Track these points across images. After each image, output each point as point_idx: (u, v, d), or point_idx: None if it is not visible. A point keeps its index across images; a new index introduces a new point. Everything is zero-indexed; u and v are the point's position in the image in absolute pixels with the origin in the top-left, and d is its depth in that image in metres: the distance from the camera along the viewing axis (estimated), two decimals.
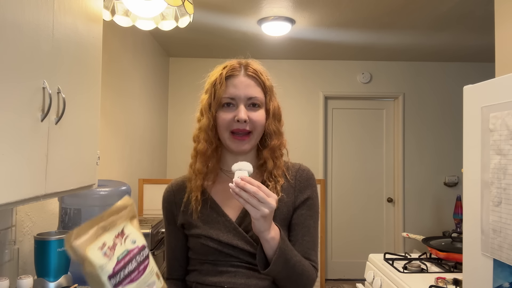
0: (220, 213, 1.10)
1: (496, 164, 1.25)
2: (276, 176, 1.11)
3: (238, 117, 1.05)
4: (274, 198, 0.94)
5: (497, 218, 1.24)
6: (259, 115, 1.09)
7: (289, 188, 1.12)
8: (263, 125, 1.10)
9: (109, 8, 1.73)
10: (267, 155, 1.12)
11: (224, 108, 1.09)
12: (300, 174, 1.15)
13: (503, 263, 1.21)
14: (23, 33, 0.92)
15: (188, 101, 4.40)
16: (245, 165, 0.98)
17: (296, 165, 1.18)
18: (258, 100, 1.09)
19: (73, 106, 1.18)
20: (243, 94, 1.07)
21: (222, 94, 1.08)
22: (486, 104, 1.32)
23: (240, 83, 1.09)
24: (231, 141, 1.08)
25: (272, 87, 1.15)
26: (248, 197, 0.91)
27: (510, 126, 1.20)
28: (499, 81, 1.29)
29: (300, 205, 1.11)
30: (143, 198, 2.97)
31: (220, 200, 1.12)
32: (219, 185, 1.14)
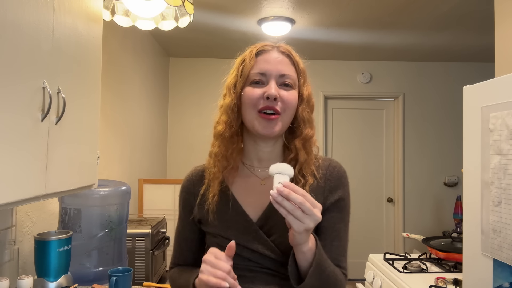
0: (240, 212, 0.98)
1: (496, 164, 1.25)
2: (305, 175, 0.97)
3: (268, 93, 0.93)
4: (319, 208, 0.82)
5: (497, 218, 1.24)
6: (292, 95, 0.97)
7: (318, 188, 0.98)
8: (294, 107, 0.98)
9: (109, 8, 1.73)
10: (299, 146, 0.98)
11: (253, 85, 0.97)
12: (331, 172, 1.01)
13: (503, 263, 1.21)
14: (23, 33, 0.92)
15: (188, 101, 4.40)
16: (285, 168, 0.85)
17: (326, 160, 1.04)
18: (291, 79, 0.98)
19: (73, 106, 1.18)
20: (275, 69, 0.96)
21: (251, 68, 0.97)
22: (486, 104, 1.32)
23: (273, 59, 0.98)
24: (258, 121, 0.95)
25: (305, 71, 1.03)
26: (293, 208, 0.79)
27: (510, 126, 1.20)
28: (499, 81, 1.29)
29: (330, 207, 0.98)
30: (143, 198, 2.97)
31: (241, 197, 1.00)
32: (240, 180, 1.02)
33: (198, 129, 4.37)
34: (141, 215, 2.92)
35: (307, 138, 1.00)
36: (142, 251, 1.97)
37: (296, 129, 1.01)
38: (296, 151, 0.99)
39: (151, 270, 1.98)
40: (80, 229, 1.53)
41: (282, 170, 0.85)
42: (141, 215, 2.92)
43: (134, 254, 1.96)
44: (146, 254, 1.98)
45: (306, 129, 1.00)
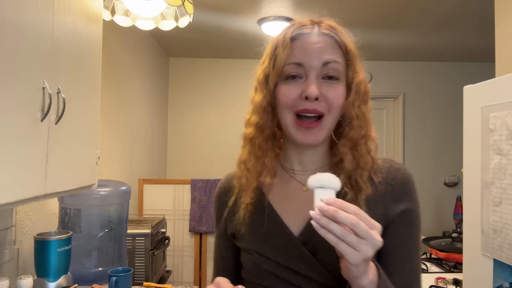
0: (278, 224, 0.80)
1: (496, 164, 1.25)
2: (358, 182, 0.78)
3: (307, 92, 0.74)
4: (379, 229, 0.62)
5: (497, 218, 1.24)
6: (337, 91, 0.77)
7: (377, 197, 0.78)
8: (341, 105, 0.78)
9: (109, 8, 1.73)
10: (345, 150, 0.79)
11: (288, 81, 0.78)
12: (393, 176, 0.80)
13: (503, 263, 1.21)
14: (23, 33, 0.92)
15: (188, 100, 4.40)
16: (329, 179, 0.66)
17: (386, 161, 0.83)
18: (337, 69, 0.77)
19: (73, 106, 1.18)
20: (315, 59, 0.76)
21: (285, 60, 0.77)
22: (486, 104, 1.32)
23: (312, 45, 0.77)
24: (296, 129, 0.77)
25: (356, 53, 0.81)
26: (344, 232, 0.59)
27: (510, 126, 1.20)
28: (499, 81, 1.29)
29: (395, 220, 0.77)
30: (143, 198, 2.97)
31: (279, 206, 0.82)
32: (278, 186, 0.85)
33: (198, 129, 4.37)
34: (141, 215, 2.92)
35: (356, 139, 0.79)
36: (142, 251, 1.97)
37: (342, 129, 0.82)
38: (340, 156, 0.80)
39: (151, 270, 1.98)
40: (80, 229, 1.53)
41: (324, 183, 0.65)
42: (141, 215, 2.92)
43: (134, 254, 1.96)
44: (146, 254, 1.98)
45: (354, 128, 0.79)
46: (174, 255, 2.96)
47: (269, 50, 0.83)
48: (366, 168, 0.79)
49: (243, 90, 3.99)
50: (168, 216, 2.91)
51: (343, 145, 0.80)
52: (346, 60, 0.79)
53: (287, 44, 0.78)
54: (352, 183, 0.78)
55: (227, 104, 4.39)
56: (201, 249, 2.96)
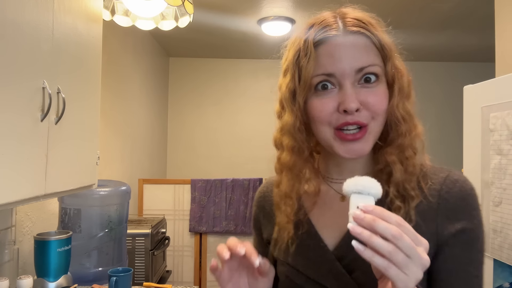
0: (312, 234, 0.73)
1: (496, 164, 1.25)
2: (406, 189, 0.67)
3: (345, 105, 0.64)
4: (425, 246, 0.52)
5: (497, 218, 1.24)
6: (379, 95, 0.67)
7: (428, 210, 0.67)
8: (385, 109, 0.68)
9: (109, 8, 1.72)
10: (393, 157, 0.69)
11: (319, 93, 0.67)
12: (449, 189, 0.67)
13: (503, 263, 1.21)
14: (23, 32, 0.92)
15: (188, 100, 4.40)
16: (368, 184, 0.57)
17: (441, 170, 0.71)
18: (374, 70, 0.67)
19: (73, 106, 1.17)
20: (347, 67, 0.65)
21: (312, 72, 0.67)
22: (486, 104, 1.32)
23: (341, 50, 0.66)
24: (338, 142, 0.68)
25: (392, 45, 0.71)
26: (391, 249, 0.49)
27: (510, 126, 1.20)
28: (499, 81, 1.29)
29: (449, 242, 0.65)
30: (143, 198, 2.97)
31: (315, 216, 0.75)
32: (318, 198, 0.77)
33: (198, 128, 4.37)
34: (141, 215, 2.92)
35: (404, 145, 0.69)
36: (142, 251, 1.97)
37: (385, 133, 0.71)
38: (385, 163, 0.70)
39: (151, 270, 1.98)
40: (80, 229, 1.53)
41: (363, 188, 0.56)
42: (141, 215, 2.92)
43: (134, 254, 1.96)
44: (146, 254, 1.98)
45: (403, 133, 0.69)
46: (174, 255, 2.96)
47: (290, 59, 0.71)
48: (414, 173, 0.68)
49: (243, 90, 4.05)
50: (168, 216, 2.91)
51: (391, 153, 0.69)
52: (382, 57, 0.69)
53: (311, 53, 0.67)
54: (400, 190, 0.67)
55: (227, 104, 4.39)
56: (201, 249, 2.96)
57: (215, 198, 2.94)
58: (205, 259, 2.96)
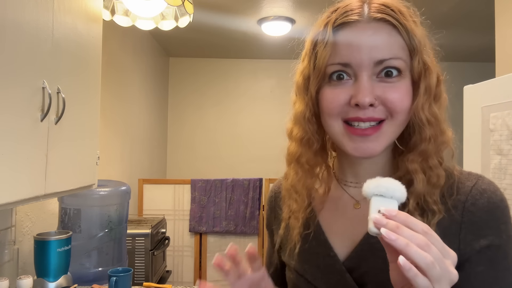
0: (322, 242, 0.67)
1: (497, 164, 1.25)
2: (428, 203, 0.60)
3: (357, 98, 0.58)
4: (453, 259, 0.46)
5: None
6: (400, 91, 0.59)
7: (450, 225, 0.59)
8: (407, 109, 0.60)
9: (109, 8, 1.72)
10: (414, 165, 0.61)
11: (333, 83, 0.61)
12: (475, 200, 0.59)
13: None
14: (23, 32, 0.92)
15: (188, 100, 4.40)
16: (392, 186, 0.50)
17: (469, 178, 0.62)
18: (398, 63, 0.59)
19: (73, 106, 1.17)
20: (366, 57, 0.58)
21: (327, 59, 0.60)
22: (486, 104, 1.32)
23: (360, 38, 0.59)
24: (346, 138, 0.61)
25: (424, 39, 0.62)
26: (427, 259, 0.43)
27: (510, 126, 1.20)
28: (499, 81, 1.29)
29: (473, 259, 0.58)
30: (143, 198, 2.97)
31: (326, 222, 0.69)
32: (330, 199, 0.70)
33: (198, 129, 4.37)
34: (141, 215, 2.92)
35: (428, 152, 0.61)
36: (142, 251, 1.97)
37: (408, 136, 0.63)
38: (405, 171, 0.62)
39: (151, 270, 1.98)
40: (79, 229, 1.53)
41: (386, 190, 0.50)
42: (141, 215, 2.92)
43: (134, 254, 1.96)
44: (146, 254, 1.98)
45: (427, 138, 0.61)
46: (174, 255, 2.96)
47: (309, 43, 0.66)
48: (438, 184, 0.60)
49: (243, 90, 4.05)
50: (168, 216, 2.91)
51: (412, 160, 0.61)
52: (410, 51, 0.60)
53: (328, 39, 0.60)
54: (420, 202, 0.60)
55: (227, 104, 4.39)
56: (201, 249, 2.96)
57: (215, 198, 2.94)
58: (205, 259, 2.96)
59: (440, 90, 0.66)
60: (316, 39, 0.64)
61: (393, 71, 0.59)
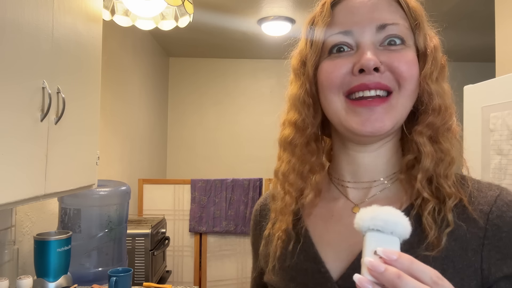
0: (311, 256, 0.57)
1: (497, 164, 1.25)
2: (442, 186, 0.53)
3: (362, 61, 0.52)
4: None
5: None
6: (406, 57, 0.54)
7: (470, 237, 0.50)
8: (415, 76, 0.55)
9: (109, 8, 1.72)
10: (422, 139, 0.54)
11: (333, 56, 0.56)
12: (502, 212, 0.51)
13: None
14: (23, 32, 0.91)
15: (188, 100, 4.40)
16: (392, 218, 0.40)
17: (490, 188, 0.54)
18: (400, 30, 0.55)
19: (73, 106, 1.17)
20: (367, 22, 0.54)
21: (325, 30, 0.56)
22: (486, 104, 1.32)
23: (360, 6, 0.56)
24: (350, 113, 0.54)
25: (423, 14, 0.60)
26: None
27: (510, 126, 1.20)
28: (499, 81, 1.29)
29: (502, 284, 0.49)
30: (143, 198, 2.97)
31: (318, 233, 0.59)
32: (322, 205, 0.62)
33: (198, 129, 4.37)
34: (141, 215, 2.91)
35: (438, 124, 0.54)
36: (142, 251, 1.97)
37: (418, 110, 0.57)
38: (417, 150, 0.55)
39: (150, 270, 1.98)
40: (79, 229, 1.53)
41: (384, 224, 0.39)
42: (141, 215, 2.91)
43: (134, 254, 1.96)
44: (146, 254, 1.97)
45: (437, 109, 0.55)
46: (174, 255, 2.96)
47: (305, 27, 0.61)
48: (451, 168, 0.53)
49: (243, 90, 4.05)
50: (168, 216, 2.91)
51: (420, 133, 0.54)
52: (410, 22, 0.57)
53: (327, 11, 0.57)
54: (433, 189, 0.53)
55: (227, 104, 4.39)
56: (201, 249, 2.96)
57: (215, 198, 2.94)
58: (205, 259, 2.96)
59: (446, 72, 0.61)
60: (313, 17, 0.60)
61: (396, 39, 0.55)
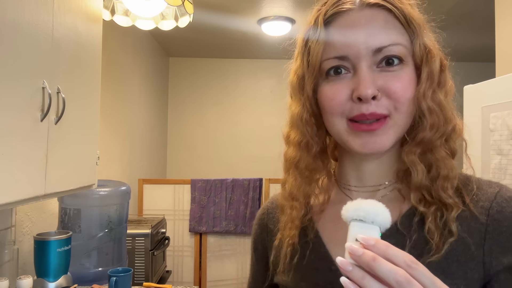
0: (322, 255, 0.60)
1: (497, 164, 1.25)
2: (441, 198, 0.55)
3: (359, 91, 0.54)
4: None
5: None
6: (403, 80, 0.55)
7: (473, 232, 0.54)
8: (411, 98, 0.56)
9: (109, 8, 1.72)
10: (412, 158, 0.57)
11: (330, 79, 0.57)
12: (502, 207, 0.54)
13: None
14: (23, 32, 0.91)
15: (188, 100, 4.40)
16: (373, 209, 0.45)
17: (489, 185, 0.57)
18: (398, 50, 0.55)
19: (73, 106, 1.17)
20: (363, 46, 0.54)
21: (321, 54, 0.57)
22: (486, 104, 1.32)
23: (355, 27, 0.55)
24: (352, 135, 0.57)
25: (422, 21, 0.60)
26: None
27: (510, 126, 1.20)
28: (499, 81, 1.29)
29: (501, 276, 0.52)
30: (143, 198, 2.97)
31: (328, 234, 0.62)
32: (330, 207, 0.64)
33: (198, 129, 4.37)
34: (141, 215, 2.91)
35: (428, 140, 0.56)
36: (142, 251, 1.97)
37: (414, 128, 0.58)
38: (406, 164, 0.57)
39: (151, 270, 1.98)
40: (79, 229, 1.53)
41: (365, 214, 0.44)
42: (141, 215, 2.91)
43: (134, 254, 1.96)
44: (146, 254, 1.97)
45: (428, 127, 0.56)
46: (174, 255, 2.96)
47: (300, 41, 0.62)
48: (451, 177, 0.55)
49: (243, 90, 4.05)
50: (168, 216, 2.91)
51: (409, 152, 0.57)
52: (409, 35, 0.57)
53: (320, 32, 0.57)
54: (435, 199, 0.55)
55: (227, 104, 4.39)
56: (201, 249, 2.96)
57: (215, 198, 2.94)
58: (205, 259, 2.96)
59: (445, 76, 0.61)
60: (307, 36, 0.60)
61: (394, 59, 0.55)
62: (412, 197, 0.56)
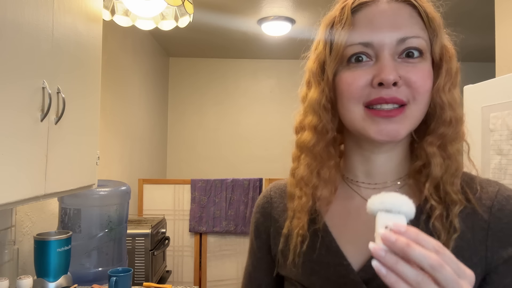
0: (333, 251, 0.61)
1: (497, 164, 1.25)
2: (448, 193, 0.57)
3: (381, 76, 0.55)
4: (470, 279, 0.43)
5: None
6: (423, 72, 0.57)
7: (478, 230, 0.57)
8: (429, 90, 0.58)
9: (109, 8, 1.72)
10: (433, 150, 0.58)
11: (352, 66, 0.58)
12: (502, 205, 0.57)
13: None
14: (23, 32, 0.92)
15: (188, 100, 4.40)
16: (399, 201, 0.47)
17: (490, 184, 0.60)
18: (419, 42, 0.57)
19: (73, 106, 1.17)
20: (387, 35, 0.56)
21: (346, 39, 0.58)
22: (486, 104, 1.32)
23: (381, 16, 0.57)
24: (368, 122, 0.57)
25: (441, 22, 0.62)
26: (420, 279, 0.41)
27: (510, 126, 1.20)
28: (499, 81, 1.29)
29: (500, 269, 0.55)
30: (143, 198, 2.97)
31: (337, 229, 0.63)
32: (338, 204, 0.65)
33: (198, 129, 4.37)
34: (141, 215, 2.92)
35: (449, 135, 0.58)
36: (142, 251, 1.97)
37: (430, 119, 0.60)
38: (425, 158, 0.59)
39: (151, 270, 1.98)
40: (79, 229, 1.53)
41: (392, 206, 0.46)
42: (141, 215, 2.92)
43: (134, 254, 1.96)
44: (146, 254, 1.98)
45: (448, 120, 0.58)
46: (174, 255, 2.96)
47: (323, 31, 0.63)
48: (457, 175, 0.58)
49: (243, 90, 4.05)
50: (168, 216, 2.91)
51: (431, 143, 0.58)
52: (429, 33, 0.59)
53: (347, 19, 0.58)
54: (441, 195, 0.57)
55: (227, 104, 4.39)
56: (201, 249, 2.96)
57: (215, 198, 2.94)
58: (205, 259, 2.96)
59: (458, 78, 0.62)
60: (332, 23, 0.61)
61: (414, 52, 0.57)
62: (427, 188, 0.58)
